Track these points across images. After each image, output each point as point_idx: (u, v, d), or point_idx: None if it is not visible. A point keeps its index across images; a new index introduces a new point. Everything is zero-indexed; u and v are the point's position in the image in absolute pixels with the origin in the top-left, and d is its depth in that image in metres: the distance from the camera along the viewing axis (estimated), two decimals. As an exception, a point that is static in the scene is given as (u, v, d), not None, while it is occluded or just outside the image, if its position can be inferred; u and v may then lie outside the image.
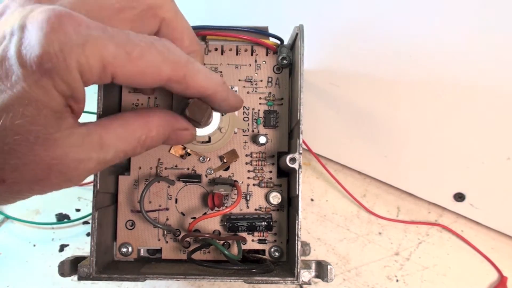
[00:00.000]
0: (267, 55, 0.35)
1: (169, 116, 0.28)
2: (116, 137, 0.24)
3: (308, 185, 0.48)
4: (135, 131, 0.25)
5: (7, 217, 0.47)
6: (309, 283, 0.30)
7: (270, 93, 0.35)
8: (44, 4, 0.21)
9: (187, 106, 0.30)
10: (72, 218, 0.47)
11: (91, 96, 0.28)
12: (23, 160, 0.20)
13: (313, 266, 0.31)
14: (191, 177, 0.34)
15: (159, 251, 0.35)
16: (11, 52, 0.20)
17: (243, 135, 0.35)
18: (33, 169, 0.21)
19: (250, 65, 0.35)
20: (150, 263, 0.34)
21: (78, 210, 0.47)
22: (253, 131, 0.35)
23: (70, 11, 0.20)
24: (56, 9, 0.20)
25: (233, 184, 0.34)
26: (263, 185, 0.35)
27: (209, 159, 0.35)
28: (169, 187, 0.34)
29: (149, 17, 0.26)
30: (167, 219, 0.34)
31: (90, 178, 0.46)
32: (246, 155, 0.35)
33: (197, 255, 0.34)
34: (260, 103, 0.35)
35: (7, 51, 0.20)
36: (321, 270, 0.30)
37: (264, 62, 0.35)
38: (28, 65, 0.19)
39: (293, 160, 0.31)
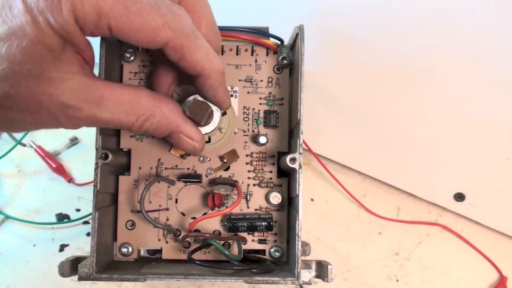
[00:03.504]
0: (267, 55, 0.35)
1: (178, 113, 0.28)
2: (118, 103, 0.25)
3: (308, 185, 0.48)
4: (139, 106, 0.26)
5: (7, 217, 0.47)
6: (309, 283, 0.30)
7: (270, 93, 0.35)
8: None
9: (188, 106, 0.30)
10: (72, 218, 0.47)
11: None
12: (16, 89, 0.22)
13: (314, 266, 0.31)
14: (192, 177, 0.34)
15: (159, 251, 0.35)
16: None
17: (243, 135, 0.35)
18: (26, 98, 0.23)
19: (250, 65, 0.35)
20: (150, 263, 0.34)
21: (78, 210, 0.48)
22: (253, 131, 0.35)
23: None
24: None
25: (233, 184, 0.34)
26: (263, 185, 0.35)
27: (209, 159, 0.35)
28: (169, 187, 0.34)
29: None
30: (167, 219, 0.34)
31: (90, 178, 0.47)
32: (247, 155, 0.35)
33: (198, 255, 0.34)
34: (260, 103, 0.35)
35: None
36: (322, 270, 0.30)
37: (264, 62, 0.35)
38: (28, 1, 0.21)
39: (293, 160, 0.31)
